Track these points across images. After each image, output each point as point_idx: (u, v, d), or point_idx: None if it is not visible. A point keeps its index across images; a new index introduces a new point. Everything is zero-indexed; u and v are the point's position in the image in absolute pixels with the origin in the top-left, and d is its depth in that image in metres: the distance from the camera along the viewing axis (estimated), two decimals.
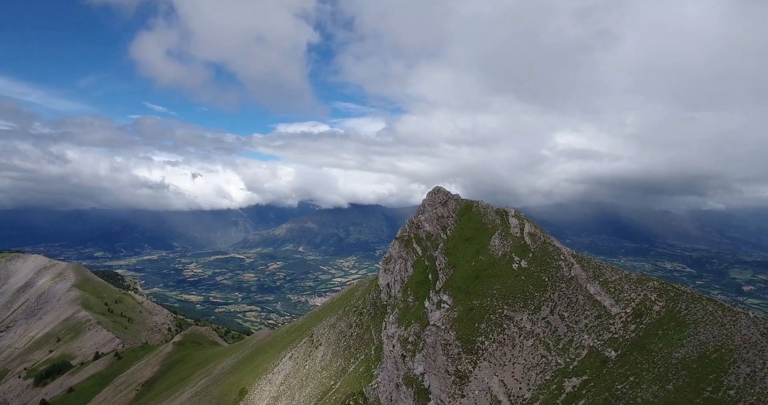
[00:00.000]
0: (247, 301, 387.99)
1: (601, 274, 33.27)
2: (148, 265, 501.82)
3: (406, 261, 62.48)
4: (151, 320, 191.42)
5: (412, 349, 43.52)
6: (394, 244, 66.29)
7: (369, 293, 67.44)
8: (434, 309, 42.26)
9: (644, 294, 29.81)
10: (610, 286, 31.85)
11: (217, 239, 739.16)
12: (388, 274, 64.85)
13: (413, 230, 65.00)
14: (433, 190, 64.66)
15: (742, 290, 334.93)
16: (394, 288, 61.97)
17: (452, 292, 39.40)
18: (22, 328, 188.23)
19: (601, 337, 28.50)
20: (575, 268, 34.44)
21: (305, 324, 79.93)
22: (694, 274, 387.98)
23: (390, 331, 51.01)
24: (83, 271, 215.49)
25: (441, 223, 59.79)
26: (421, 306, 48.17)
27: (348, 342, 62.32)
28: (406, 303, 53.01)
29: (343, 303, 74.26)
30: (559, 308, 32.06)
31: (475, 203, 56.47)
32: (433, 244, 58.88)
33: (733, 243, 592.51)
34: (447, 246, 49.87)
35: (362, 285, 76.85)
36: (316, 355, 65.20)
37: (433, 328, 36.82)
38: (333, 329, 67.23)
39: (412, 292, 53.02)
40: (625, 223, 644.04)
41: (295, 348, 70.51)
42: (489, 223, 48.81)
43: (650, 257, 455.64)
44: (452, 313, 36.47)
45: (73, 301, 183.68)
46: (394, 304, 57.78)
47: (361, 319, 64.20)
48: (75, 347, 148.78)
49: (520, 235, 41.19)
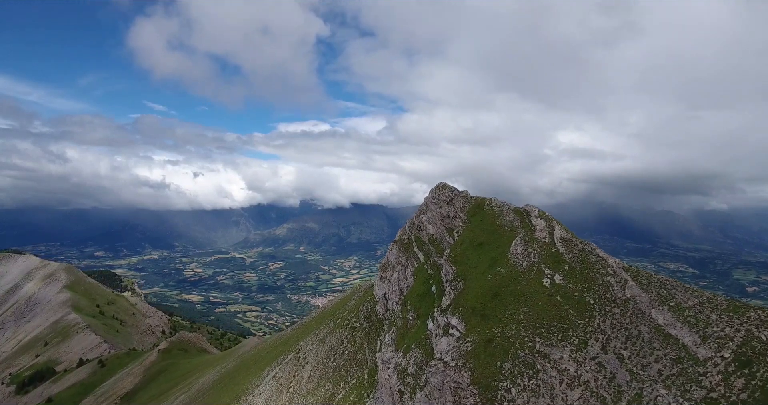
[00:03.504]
0: (248, 301, 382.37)
1: (670, 297, 24.23)
2: (149, 265, 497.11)
3: (405, 268, 53.57)
4: (145, 322, 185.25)
5: (412, 384, 34.57)
6: (392, 248, 57.38)
7: (363, 304, 58.67)
8: (440, 334, 33.29)
9: (746, 329, 20.77)
10: (687, 315, 22.88)
11: (218, 239, 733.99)
12: (384, 282, 55.96)
13: (414, 232, 56.05)
14: (437, 186, 55.68)
15: (746, 291, 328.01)
16: (391, 300, 53.08)
17: (463, 314, 30.51)
18: (10, 331, 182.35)
19: (690, 395, 19.44)
20: (631, 287, 25.46)
21: (293, 336, 71.32)
22: (697, 274, 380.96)
23: (386, 354, 42.13)
24: (75, 271, 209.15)
25: (446, 225, 50.76)
26: (423, 326, 39.23)
27: (338, 362, 53.58)
28: (405, 320, 44.07)
29: (334, 314, 65.53)
30: (614, 344, 23.16)
31: (487, 201, 47.34)
32: (438, 249, 49.89)
33: (736, 243, 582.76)
34: (455, 252, 40.84)
35: (356, 293, 68.06)
36: (302, 376, 56.54)
37: (439, 363, 27.92)
38: (322, 345, 58.54)
39: (413, 307, 44.07)
40: (627, 223, 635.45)
41: (279, 365, 61.92)
42: (506, 225, 39.71)
43: (653, 258, 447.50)
44: (464, 344, 27.58)
45: (63, 304, 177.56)
46: (391, 319, 48.86)
47: (354, 334, 55.42)
48: (62, 352, 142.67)
49: (550, 241, 32.22)
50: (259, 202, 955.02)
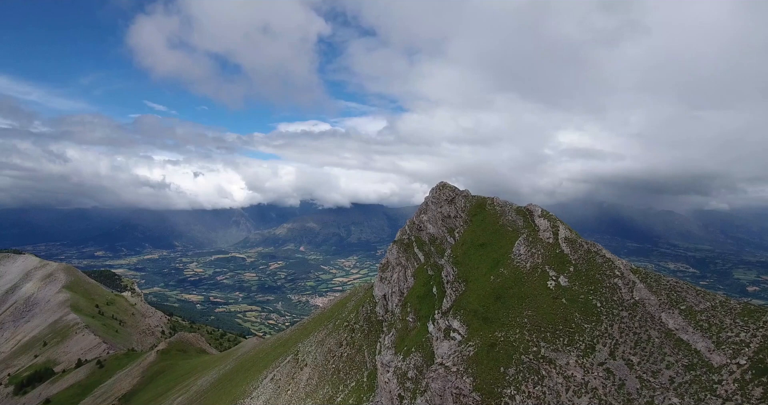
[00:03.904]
0: (248, 301, 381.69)
1: (681, 300, 23.20)
2: (149, 265, 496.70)
3: (405, 269, 52.64)
4: (144, 323, 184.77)
5: (412, 389, 33.65)
6: (391, 248, 56.42)
7: (363, 305, 57.72)
8: (441, 337, 32.34)
9: (763, 334, 19.70)
10: (699, 319, 21.87)
11: (218, 238, 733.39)
12: (384, 283, 55.03)
13: (414, 232, 55.10)
14: (438, 185, 54.73)
15: (746, 291, 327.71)
16: (391, 301, 52.16)
17: (465, 317, 29.56)
18: (9, 331, 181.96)
19: (704, 404, 18.40)
20: (640, 289, 24.47)
21: (292, 337, 70.38)
22: (698, 274, 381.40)
23: (385, 357, 41.20)
24: (74, 271, 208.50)
25: (447, 225, 49.83)
26: (424, 328, 38.30)
27: (337, 364, 52.65)
28: (405, 322, 43.13)
29: (333, 315, 64.58)
30: (623, 349, 22.19)
31: (489, 200, 46.36)
32: (439, 250, 48.97)
33: (736, 243, 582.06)
34: (456, 253, 39.89)
35: (356, 294, 67.11)
36: (301, 378, 55.62)
37: (440, 368, 26.98)
38: (321, 347, 57.61)
39: (413, 308, 43.12)
40: (627, 223, 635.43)
41: (277, 368, 60.99)
42: (509, 225, 38.75)
43: (653, 257, 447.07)
44: (467, 349, 26.62)
45: (62, 304, 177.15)
46: (390, 321, 47.93)
47: (353, 336, 54.48)
48: (60, 352, 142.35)
49: (554, 242, 31.24)
50: (260, 202, 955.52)
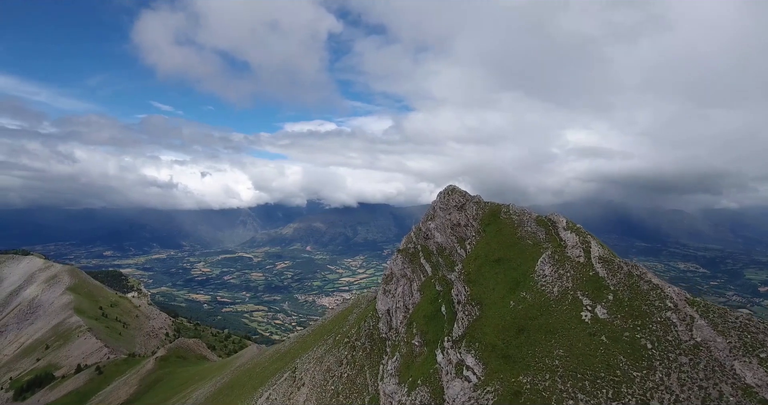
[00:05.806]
0: (255, 301, 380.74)
1: (758, 344, 18.20)
2: (157, 264, 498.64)
3: (411, 281, 47.91)
4: (148, 325, 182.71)
5: None
6: (396, 258, 51.70)
7: (365, 320, 53.18)
8: (452, 373, 27.55)
9: None
10: None
11: (225, 238, 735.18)
12: (388, 297, 50.37)
13: (421, 241, 50.32)
14: (446, 189, 49.86)
15: (758, 291, 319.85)
16: (395, 317, 47.49)
17: (481, 353, 24.83)
18: (13, 333, 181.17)
19: None
20: (701, 327, 19.53)
21: (290, 351, 66.14)
22: (708, 274, 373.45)
23: (388, 387, 36.56)
24: (79, 273, 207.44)
25: (457, 234, 44.95)
26: (432, 357, 33.54)
27: (337, 386, 48.18)
28: (411, 346, 38.38)
29: (334, 328, 60.13)
30: None
31: (503, 208, 41.35)
32: (447, 262, 44.12)
33: (747, 243, 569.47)
34: (468, 269, 35.03)
35: (357, 306, 62.55)
36: (298, 399, 51.29)
37: None
38: (319, 365, 53.21)
39: (419, 330, 38.37)
40: (636, 223, 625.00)
41: (273, 386, 56.81)
42: (528, 238, 33.81)
43: (662, 257, 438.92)
44: (484, 396, 21.92)
45: (65, 306, 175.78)
46: (395, 342, 43.23)
47: (354, 355, 49.96)
48: (62, 356, 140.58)
49: (586, 261, 26.34)
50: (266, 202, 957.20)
